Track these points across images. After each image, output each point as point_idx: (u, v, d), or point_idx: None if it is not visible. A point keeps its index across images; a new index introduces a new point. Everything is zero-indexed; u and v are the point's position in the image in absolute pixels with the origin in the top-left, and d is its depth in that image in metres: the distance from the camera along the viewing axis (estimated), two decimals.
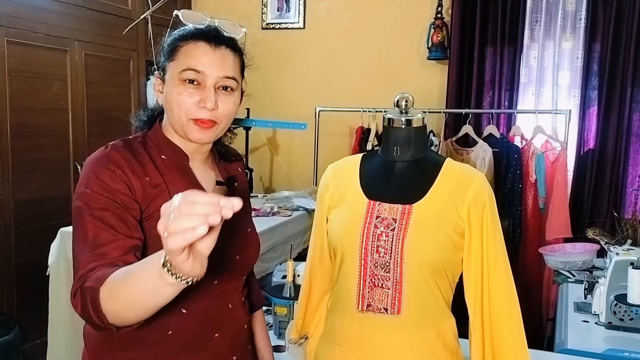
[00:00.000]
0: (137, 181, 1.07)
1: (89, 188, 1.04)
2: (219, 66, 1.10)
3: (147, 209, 1.08)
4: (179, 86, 1.10)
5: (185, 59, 1.10)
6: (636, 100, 3.31)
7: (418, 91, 1.37)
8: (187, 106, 1.09)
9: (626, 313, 2.02)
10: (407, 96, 1.29)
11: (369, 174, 1.30)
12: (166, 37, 1.16)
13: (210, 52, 1.10)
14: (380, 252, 1.20)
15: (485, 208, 1.21)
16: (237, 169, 1.30)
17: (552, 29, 3.48)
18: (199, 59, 1.09)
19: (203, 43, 1.11)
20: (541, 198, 3.23)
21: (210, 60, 1.10)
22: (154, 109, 1.21)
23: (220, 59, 1.11)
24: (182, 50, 1.11)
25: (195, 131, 1.11)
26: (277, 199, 3.59)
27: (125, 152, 1.10)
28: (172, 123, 1.14)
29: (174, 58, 1.11)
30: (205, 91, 1.09)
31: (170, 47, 1.13)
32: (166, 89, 1.12)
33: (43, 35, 3.08)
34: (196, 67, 1.09)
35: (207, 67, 1.09)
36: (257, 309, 1.40)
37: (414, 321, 1.20)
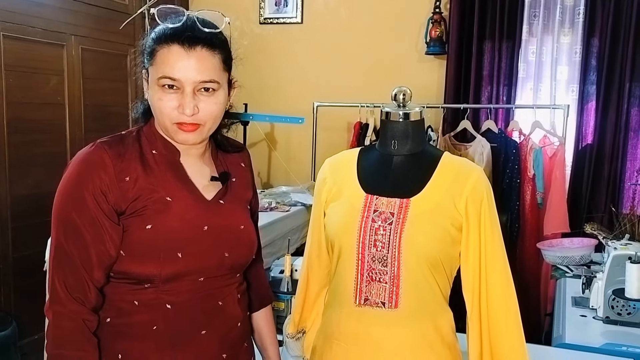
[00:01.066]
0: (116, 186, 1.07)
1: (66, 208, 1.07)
2: (195, 70, 1.06)
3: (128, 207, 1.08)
4: (159, 92, 1.07)
5: (161, 66, 1.06)
6: (634, 95, 3.31)
7: (416, 86, 1.36)
8: (168, 111, 1.07)
9: (624, 307, 2.03)
10: (405, 89, 1.28)
11: (366, 168, 1.30)
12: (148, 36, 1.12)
13: (184, 56, 1.05)
14: (378, 246, 1.20)
15: (483, 202, 1.20)
16: (239, 165, 1.28)
17: (550, 24, 3.47)
18: (173, 65, 1.05)
19: (176, 46, 1.05)
20: (539, 193, 3.23)
21: (185, 64, 1.05)
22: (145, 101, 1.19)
23: (196, 62, 1.06)
24: (158, 55, 1.07)
25: (180, 134, 1.10)
26: (275, 194, 3.58)
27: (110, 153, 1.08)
28: (159, 125, 1.13)
29: (153, 62, 1.08)
30: (184, 97, 1.06)
31: (149, 49, 1.09)
32: (149, 91, 1.11)
33: (40, 29, 3.06)
34: (171, 74, 1.05)
35: (182, 73, 1.05)
36: (263, 306, 1.37)
37: (411, 315, 1.19)
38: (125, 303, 1.10)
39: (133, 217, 1.08)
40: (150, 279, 1.08)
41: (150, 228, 1.07)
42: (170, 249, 1.08)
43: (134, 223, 1.07)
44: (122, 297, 1.10)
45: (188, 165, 1.16)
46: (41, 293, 2.55)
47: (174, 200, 1.10)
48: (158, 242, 1.07)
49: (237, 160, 1.28)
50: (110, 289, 1.11)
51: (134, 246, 1.07)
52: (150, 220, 1.07)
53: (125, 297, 1.10)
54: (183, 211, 1.11)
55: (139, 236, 1.07)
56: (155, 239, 1.07)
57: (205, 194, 1.16)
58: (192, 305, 1.12)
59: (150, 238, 1.07)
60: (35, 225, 2.92)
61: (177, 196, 1.11)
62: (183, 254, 1.09)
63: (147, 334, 1.10)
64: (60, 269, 1.08)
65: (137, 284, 1.09)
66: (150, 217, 1.07)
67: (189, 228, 1.11)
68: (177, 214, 1.10)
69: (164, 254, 1.07)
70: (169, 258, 1.08)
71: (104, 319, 1.11)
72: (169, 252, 1.07)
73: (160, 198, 1.09)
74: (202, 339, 1.14)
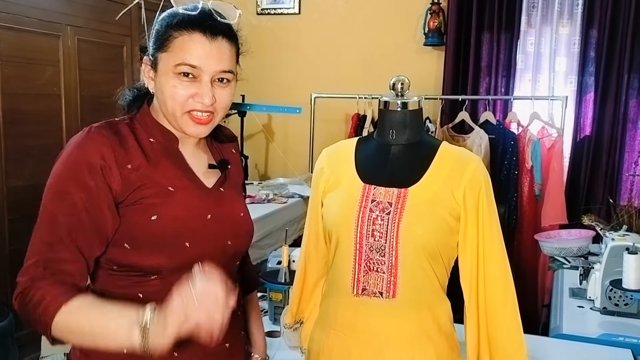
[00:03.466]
0: (117, 172, 1.04)
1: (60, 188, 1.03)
2: (216, 60, 1.05)
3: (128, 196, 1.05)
4: (173, 79, 1.05)
5: (180, 53, 1.04)
6: (633, 87, 3.30)
7: (414, 77, 1.35)
8: (182, 100, 1.05)
9: (621, 298, 2.03)
10: (403, 79, 1.27)
11: (364, 157, 1.29)
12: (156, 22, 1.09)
13: (206, 44, 1.04)
14: (376, 236, 1.19)
15: (481, 192, 1.20)
16: (230, 151, 1.27)
17: (549, 15, 3.45)
18: (194, 52, 1.04)
19: (198, 34, 1.04)
20: (537, 185, 3.23)
21: (206, 53, 1.04)
22: (140, 88, 1.16)
23: (218, 51, 1.05)
24: (176, 42, 1.05)
25: (192, 126, 1.08)
26: (273, 185, 3.58)
27: (109, 137, 1.06)
28: (165, 114, 1.10)
29: (167, 49, 1.05)
30: (202, 86, 1.05)
31: (162, 36, 1.06)
32: (159, 79, 1.08)
33: (35, 20, 3.04)
34: (191, 61, 1.04)
35: (203, 62, 1.04)
36: (251, 291, 1.38)
37: (409, 305, 1.19)
38: (130, 296, 1.06)
39: (135, 207, 1.05)
40: (157, 270, 1.06)
41: (156, 219, 1.05)
42: (177, 239, 1.06)
43: (136, 214, 1.05)
44: (126, 290, 1.07)
45: (186, 153, 1.15)
46: None
47: (176, 189, 1.08)
48: (165, 233, 1.05)
49: (229, 146, 1.28)
50: (113, 282, 1.08)
51: (139, 238, 1.05)
52: (154, 210, 1.05)
53: (129, 290, 1.07)
54: (187, 200, 1.09)
55: (145, 228, 1.05)
56: (161, 230, 1.05)
57: (205, 182, 1.15)
58: None
59: (156, 229, 1.05)
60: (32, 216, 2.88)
61: (179, 185, 1.09)
62: (190, 243, 1.07)
63: None
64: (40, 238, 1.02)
65: (143, 276, 1.07)
66: (154, 207, 1.06)
67: (194, 217, 1.10)
68: (181, 204, 1.08)
69: (172, 244, 1.06)
70: (176, 248, 1.06)
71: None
72: (176, 242, 1.06)
73: (162, 188, 1.07)
74: None
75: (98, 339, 0.93)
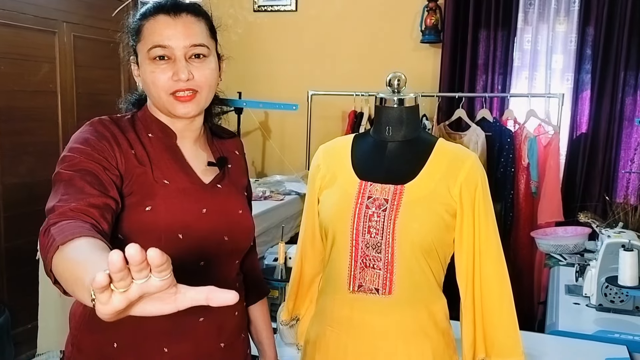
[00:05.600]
0: (121, 154, 1.07)
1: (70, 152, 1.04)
2: (183, 35, 1.09)
3: (128, 183, 1.06)
4: (151, 65, 1.09)
5: (149, 37, 1.09)
6: (629, 85, 3.30)
7: (411, 75, 1.34)
8: (162, 82, 1.09)
9: (617, 295, 2.04)
10: (400, 75, 1.27)
11: (360, 154, 1.29)
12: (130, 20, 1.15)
13: (171, 23, 1.09)
14: (372, 233, 1.19)
15: (478, 188, 1.20)
16: (233, 152, 1.28)
17: (545, 12, 3.45)
18: (161, 32, 1.08)
19: (162, 16, 1.10)
20: (533, 182, 3.23)
21: (173, 31, 1.08)
22: (141, 92, 1.20)
23: (183, 27, 1.09)
24: (145, 28, 1.10)
25: (179, 106, 1.10)
26: (270, 183, 3.57)
27: (112, 126, 1.10)
28: (155, 103, 1.13)
29: (140, 38, 1.11)
30: (177, 63, 1.08)
31: (135, 28, 1.13)
32: (140, 71, 1.12)
33: (31, 16, 3.03)
34: (161, 42, 1.08)
35: (171, 39, 1.08)
36: (260, 299, 1.37)
37: (405, 301, 1.19)
38: None
39: (130, 198, 1.06)
40: None
41: (150, 210, 1.06)
42: (170, 230, 1.07)
43: (131, 205, 1.06)
44: None
45: (185, 149, 1.17)
46: (34, 282, 2.55)
47: (171, 182, 1.10)
48: (158, 223, 1.06)
49: (231, 147, 1.28)
50: None
51: (133, 229, 1.06)
52: (149, 202, 1.07)
53: None
54: (181, 193, 1.11)
55: (139, 218, 1.06)
56: (155, 220, 1.06)
57: (203, 178, 1.16)
58: None
59: (150, 219, 1.06)
60: (28, 214, 2.90)
61: (175, 179, 1.11)
62: (183, 235, 1.08)
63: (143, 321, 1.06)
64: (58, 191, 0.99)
65: None
66: (148, 198, 1.07)
67: (188, 210, 1.11)
68: (175, 196, 1.10)
69: (165, 235, 1.06)
70: (170, 239, 1.07)
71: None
72: (169, 233, 1.07)
73: (158, 180, 1.09)
74: (200, 327, 1.13)
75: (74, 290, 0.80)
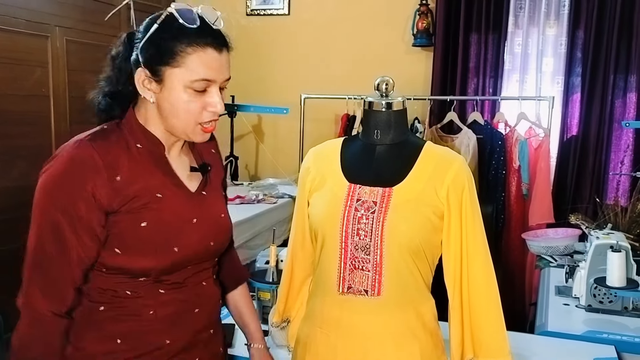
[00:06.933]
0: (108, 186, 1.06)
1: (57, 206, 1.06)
2: (225, 70, 1.10)
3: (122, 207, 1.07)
4: (187, 94, 1.07)
5: (197, 68, 1.05)
6: (618, 87, 3.34)
7: (403, 78, 1.36)
8: (197, 112, 1.08)
9: (605, 296, 2.05)
10: (388, 79, 1.29)
11: (349, 157, 1.30)
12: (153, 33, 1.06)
13: (217, 57, 1.07)
14: (361, 235, 1.21)
15: (465, 190, 1.21)
16: (210, 151, 1.29)
17: (536, 16, 3.48)
18: (210, 67, 1.06)
19: (211, 49, 1.06)
20: (524, 184, 3.25)
21: (218, 66, 1.08)
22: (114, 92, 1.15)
23: (226, 62, 1.10)
24: (191, 58, 1.05)
25: (201, 134, 1.12)
26: (262, 186, 3.58)
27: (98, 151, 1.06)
28: (173, 127, 1.11)
29: (178, 65, 1.05)
30: (213, 96, 1.08)
31: (170, 51, 1.05)
32: (166, 93, 1.07)
33: (23, 20, 3.03)
34: (209, 77, 1.07)
35: (217, 75, 1.08)
36: (240, 284, 1.41)
37: (393, 303, 1.21)
38: (119, 292, 1.11)
39: (125, 215, 1.08)
40: (146, 273, 1.10)
41: (146, 225, 1.08)
42: (166, 244, 1.10)
43: (126, 220, 1.08)
44: (116, 287, 1.11)
45: (171, 158, 1.17)
46: None
47: (164, 196, 1.12)
48: (154, 238, 1.09)
49: (209, 146, 1.30)
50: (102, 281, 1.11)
51: (129, 243, 1.08)
52: (144, 217, 1.08)
53: (118, 287, 1.11)
54: (174, 206, 1.13)
55: (135, 233, 1.08)
56: (151, 235, 1.09)
57: (188, 185, 1.18)
58: (183, 289, 1.16)
59: (146, 235, 1.08)
60: (20, 218, 2.87)
61: (166, 192, 1.12)
62: (178, 247, 1.12)
63: (144, 317, 1.12)
64: (38, 270, 1.07)
65: (131, 277, 1.11)
66: (143, 214, 1.08)
67: (181, 222, 1.13)
68: (169, 209, 1.12)
69: (160, 249, 1.10)
70: (165, 253, 1.10)
71: (97, 307, 1.11)
72: (165, 247, 1.10)
73: (151, 195, 1.10)
74: (196, 317, 1.19)
75: None
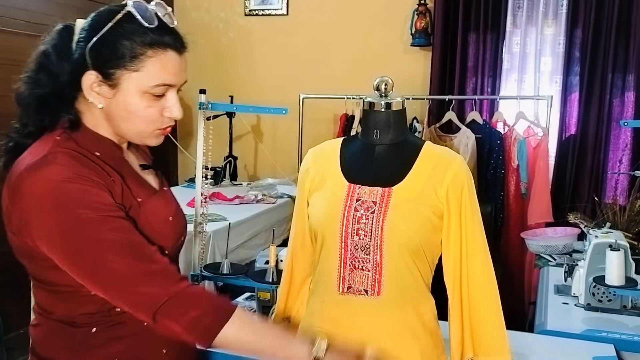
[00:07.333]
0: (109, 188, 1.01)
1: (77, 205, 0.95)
2: (184, 74, 1.05)
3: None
4: (146, 99, 1.01)
5: (157, 72, 0.99)
6: (616, 86, 3.34)
7: (402, 77, 1.37)
8: (155, 118, 1.03)
9: (604, 294, 2.06)
10: (387, 80, 1.29)
11: (349, 157, 1.31)
12: (108, 32, 0.99)
13: (178, 60, 1.02)
14: (361, 235, 1.21)
15: (464, 190, 1.22)
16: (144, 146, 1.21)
17: (534, 15, 3.49)
18: (171, 71, 1.01)
19: (172, 53, 1.01)
20: (523, 183, 3.26)
21: (179, 69, 1.03)
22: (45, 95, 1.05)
23: (185, 65, 1.05)
24: (151, 61, 0.99)
25: (156, 138, 1.08)
26: (262, 186, 3.59)
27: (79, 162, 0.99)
28: (126, 132, 1.05)
29: (137, 68, 0.99)
30: (172, 100, 1.03)
31: (129, 53, 0.98)
32: (121, 98, 1.00)
33: (22, 22, 3.03)
34: (170, 82, 1.02)
35: (177, 79, 1.03)
36: None
37: (393, 302, 1.21)
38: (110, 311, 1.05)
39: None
40: None
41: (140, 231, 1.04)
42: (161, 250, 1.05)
43: None
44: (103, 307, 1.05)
45: (130, 160, 1.12)
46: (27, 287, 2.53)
47: (142, 200, 1.07)
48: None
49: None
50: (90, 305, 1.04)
51: None
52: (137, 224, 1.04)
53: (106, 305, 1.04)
54: (153, 208, 1.09)
55: None
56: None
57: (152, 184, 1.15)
58: None
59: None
60: None
61: (142, 195, 1.07)
62: (168, 250, 1.09)
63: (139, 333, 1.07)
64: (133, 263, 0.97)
65: None
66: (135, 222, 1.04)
67: (162, 223, 1.10)
68: (150, 213, 1.07)
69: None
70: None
71: (89, 330, 1.05)
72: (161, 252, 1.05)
73: (133, 201, 1.05)
74: None
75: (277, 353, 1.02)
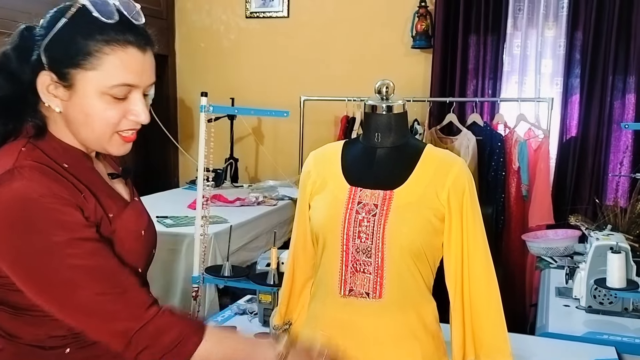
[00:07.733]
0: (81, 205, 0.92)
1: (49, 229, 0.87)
2: (150, 73, 0.95)
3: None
4: (103, 101, 0.91)
5: (116, 72, 0.90)
6: (617, 88, 3.34)
7: (402, 80, 1.37)
8: (116, 121, 0.94)
9: (605, 297, 2.06)
10: (388, 82, 1.30)
11: (350, 160, 1.31)
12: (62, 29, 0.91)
13: (140, 59, 0.93)
14: (362, 238, 1.21)
15: (465, 193, 1.22)
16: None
17: (534, 18, 3.49)
18: (132, 70, 0.92)
19: (133, 49, 0.91)
20: (524, 185, 3.26)
21: (141, 69, 0.93)
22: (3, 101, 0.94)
23: (150, 64, 0.95)
24: (109, 59, 0.90)
25: (120, 145, 0.97)
26: (263, 188, 3.59)
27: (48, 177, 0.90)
28: (86, 139, 0.96)
29: (93, 67, 0.90)
30: (136, 103, 0.94)
31: (83, 50, 0.89)
32: (77, 100, 0.92)
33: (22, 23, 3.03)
34: (132, 82, 0.92)
35: (140, 79, 0.93)
36: None
37: (395, 305, 1.21)
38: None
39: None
40: None
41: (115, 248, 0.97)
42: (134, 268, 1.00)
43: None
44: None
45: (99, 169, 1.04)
46: None
47: (114, 214, 0.99)
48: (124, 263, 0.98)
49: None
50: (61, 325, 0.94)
51: None
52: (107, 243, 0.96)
53: None
54: (125, 223, 1.01)
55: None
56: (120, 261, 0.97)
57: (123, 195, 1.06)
58: None
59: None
60: None
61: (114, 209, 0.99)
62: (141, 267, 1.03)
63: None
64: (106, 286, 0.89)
65: None
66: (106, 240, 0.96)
67: (135, 238, 1.03)
68: (123, 229, 1.00)
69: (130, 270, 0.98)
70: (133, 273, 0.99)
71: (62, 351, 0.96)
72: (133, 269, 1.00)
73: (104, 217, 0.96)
74: None
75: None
